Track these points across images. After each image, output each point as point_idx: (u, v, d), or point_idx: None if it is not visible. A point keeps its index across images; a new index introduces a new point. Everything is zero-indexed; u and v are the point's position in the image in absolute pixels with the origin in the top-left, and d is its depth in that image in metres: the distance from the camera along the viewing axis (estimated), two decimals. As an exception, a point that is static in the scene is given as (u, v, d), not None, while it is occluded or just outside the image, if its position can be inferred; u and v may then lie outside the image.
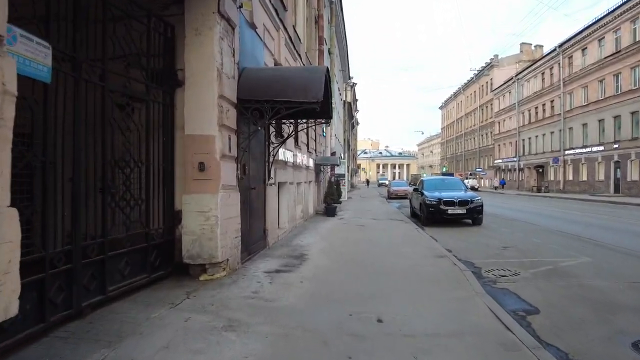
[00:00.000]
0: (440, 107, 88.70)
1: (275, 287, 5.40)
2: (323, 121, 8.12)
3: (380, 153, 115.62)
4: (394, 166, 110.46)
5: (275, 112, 6.20)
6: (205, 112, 5.60)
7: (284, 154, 9.45)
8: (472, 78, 65.91)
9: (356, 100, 52.00)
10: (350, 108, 38.00)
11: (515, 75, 49.89)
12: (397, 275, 6.19)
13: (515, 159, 51.14)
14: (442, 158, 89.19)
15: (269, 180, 8.28)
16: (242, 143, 6.40)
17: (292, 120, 8.38)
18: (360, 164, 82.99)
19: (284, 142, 8.44)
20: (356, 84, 44.77)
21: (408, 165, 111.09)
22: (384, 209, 19.56)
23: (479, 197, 13.96)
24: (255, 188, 7.38)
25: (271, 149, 8.38)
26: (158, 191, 5.51)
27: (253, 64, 7.17)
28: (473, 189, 22.00)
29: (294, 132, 8.48)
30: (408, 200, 29.29)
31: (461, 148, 74.83)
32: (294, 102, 6.17)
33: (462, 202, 13.41)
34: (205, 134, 5.59)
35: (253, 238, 7.36)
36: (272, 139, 8.41)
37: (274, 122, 8.38)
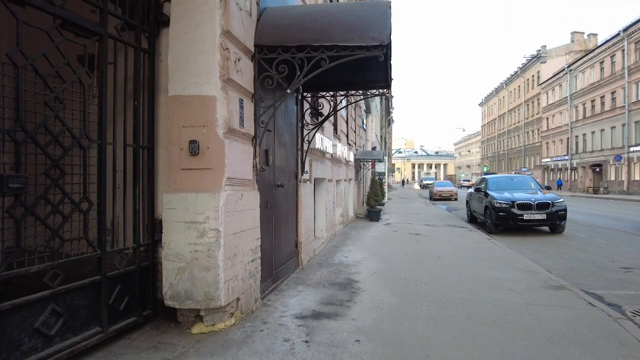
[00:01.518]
0: (480, 104, 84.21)
1: (316, 353, 3.14)
2: (378, 92, 5.83)
3: (416, 152, 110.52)
4: (430, 166, 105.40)
5: (313, 65, 3.94)
6: (200, 57, 3.42)
7: (322, 141, 7.20)
8: (517, 72, 61.59)
9: (392, 96, 49.21)
10: (387, 103, 35.43)
11: (567, 67, 45.61)
12: (509, 325, 3.80)
13: (566, 158, 46.81)
14: (482, 157, 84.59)
15: (302, 174, 6.05)
16: (262, 116, 4.18)
17: (332, 93, 6.11)
18: (394, 164, 79.84)
19: (324, 121, 6.17)
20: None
21: (445, 165, 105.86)
22: (432, 212, 16.97)
23: (562, 199, 11.22)
24: (283, 185, 5.16)
25: (305, 132, 6.16)
26: (125, 188, 3.39)
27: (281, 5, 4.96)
28: None
29: (334, 111, 6.20)
30: (454, 202, 26.79)
31: (504, 146, 70.34)
32: (343, 47, 3.90)
33: (541, 205, 10.72)
34: (199, 94, 3.42)
35: (280, 257, 5.14)
36: (307, 118, 6.19)
37: (309, 95, 6.15)
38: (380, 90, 5.86)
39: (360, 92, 5.91)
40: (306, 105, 6.19)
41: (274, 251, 4.84)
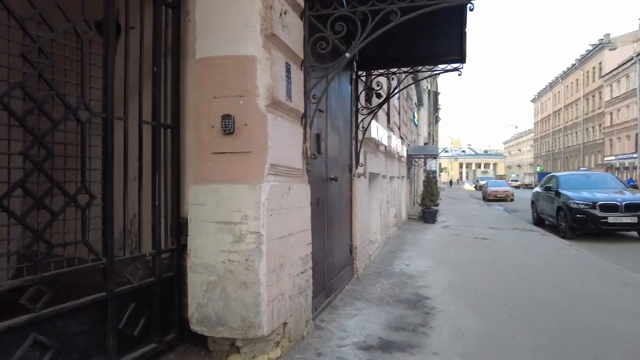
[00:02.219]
0: (533, 100, 79.70)
1: (395, 411, 2.22)
2: (452, 67, 4.82)
3: (463, 151, 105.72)
4: (478, 165, 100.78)
5: (378, 21, 3.03)
6: (236, 6, 2.60)
7: (377, 130, 6.26)
8: (574, 64, 57.44)
9: (438, 92, 47.18)
10: (435, 99, 33.79)
11: (637, 55, 41.73)
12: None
13: (635, 155, 42.80)
14: (535, 156, 79.97)
15: (357, 167, 5.15)
16: (313, 89, 3.32)
17: (392, 70, 5.16)
18: (440, 163, 76.93)
19: (384, 102, 5.22)
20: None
21: (495, 164, 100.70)
22: (491, 214, 15.52)
23: (655, 199, 9.60)
24: (337, 179, 4.28)
25: (360, 118, 5.25)
26: (141, 178, 2.63)
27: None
28: None
29: (395, 91, 5.24)
30: (510, 203, 24.78)
31: (559, 144, 65.98)
32: (420, -7, 2.97)
33: (631, 207, 9.16)
34: (234, 55, 2.60)
35: (334, 265, 4.26)
36: (362, 101, 5.28)
37: (363, 74, 5.25)
38: (453, 65, 4.84)
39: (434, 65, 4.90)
40: (361, 87, 5.28)
41: (326, 259, 3.97)
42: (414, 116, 15.05)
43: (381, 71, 5.16)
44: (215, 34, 2.64)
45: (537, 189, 13.35)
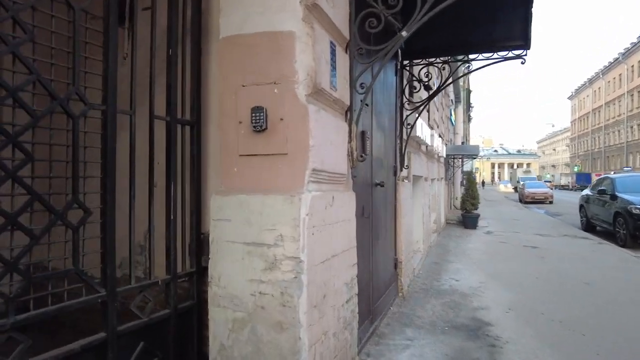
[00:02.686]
0: (570, 97, 76.28)
1: None
2: (514, 55, 4.13)
3: (496, 151, 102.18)
4: (511, 165, 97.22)
5: (444, -9, 2.42)
6: (269, -32, 2.07)
7: (422, 128, 5.62)
8: (617, 58, 54.44)
9: (470, 90, 45.54)
10: (468, 97, 32.53)
11: (687, 48, 39.04)
12: None
13: (684, 155, 40.13)
14: (572, 156, 76.56)
15: (401, 170, 4.54)
16: (360, 77, 2.74)
17: (445, 59, 4.52)
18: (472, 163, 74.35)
19: (434, 95, 4.57)
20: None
21: (528, 164, 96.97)
22: (533, 218, 14.49)
23: None
24: (383, 184, 3.69)
25: (405, 115, 4.64)
26: (151, 186, 2.12)
27: None
28: None
29: (446, 82, 4.56)
30: (549, 205, 23.38)
31: (599, 144, 62.82)
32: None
33: None
34: (268, 30, 2.06)
35: (379, 285, 3.67)
36: (406, 94, 4.65)
37: (407, 63, 4.64)
38: (515, 52, 4.15)
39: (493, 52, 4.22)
40: (405, 79, 4.66)
41: (372, 278, 3.39)
42: (450, 114, 14.22)
43: (430, 60, 4.52)
44: (244, 6, 2.11)
45: (587, 191, 12.30)
